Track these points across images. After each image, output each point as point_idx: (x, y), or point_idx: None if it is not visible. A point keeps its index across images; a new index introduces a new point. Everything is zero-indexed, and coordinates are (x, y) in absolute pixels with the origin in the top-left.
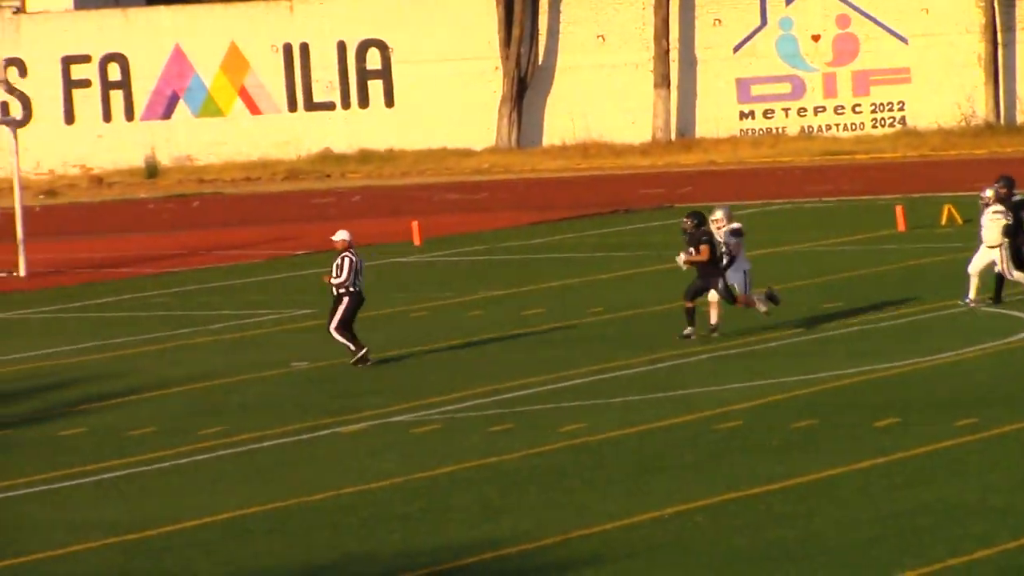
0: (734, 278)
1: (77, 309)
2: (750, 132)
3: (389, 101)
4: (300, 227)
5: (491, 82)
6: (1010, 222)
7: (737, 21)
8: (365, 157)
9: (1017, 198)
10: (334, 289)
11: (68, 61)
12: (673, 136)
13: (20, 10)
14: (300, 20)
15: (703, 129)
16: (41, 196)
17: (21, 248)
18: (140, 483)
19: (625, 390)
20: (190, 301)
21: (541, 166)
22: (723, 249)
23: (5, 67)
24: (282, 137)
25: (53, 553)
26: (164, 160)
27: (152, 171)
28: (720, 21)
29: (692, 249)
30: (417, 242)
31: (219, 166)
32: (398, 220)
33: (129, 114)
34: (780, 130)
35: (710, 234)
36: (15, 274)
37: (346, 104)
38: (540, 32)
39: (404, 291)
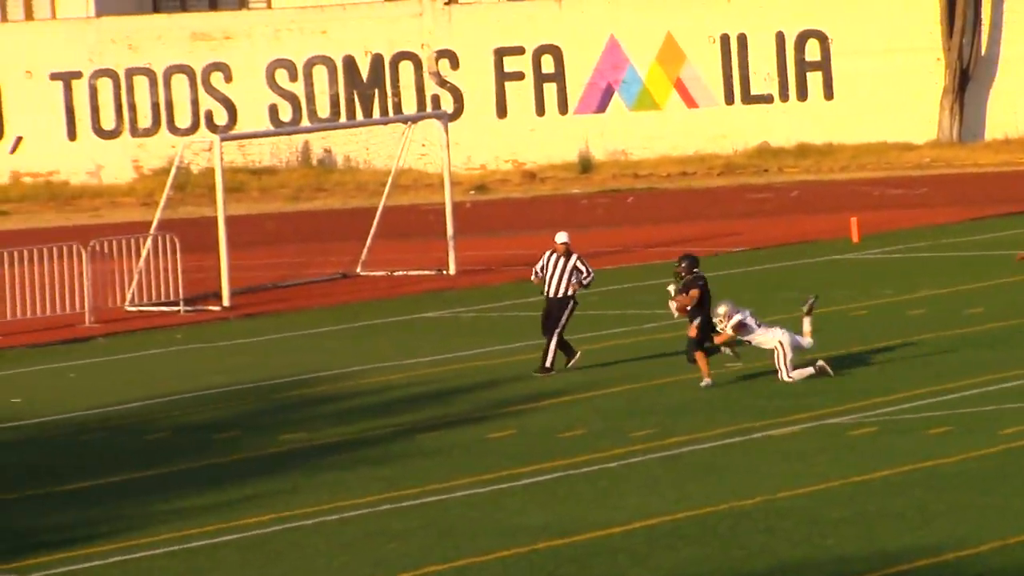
0: (783, 337)
1: (506, 308)
2: None
3: (828, 93)
4: (737, 223)
5: (932, 74)
6: None
7: None
8: (803, 151)
9: None
10: (567, 290)
11: (501, 53)
12: None
13: (452, 1)
14: (738, 10)
15: None
16: (472, 192)
17: (451, 245)
18: (569, 486)
19: None
20: (623, 300)
21: (983, 160)
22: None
23: (436, 59)
24: (718, 131)
25: (482, 558)
26: (598, 154)
27: (586, 166)
28: None
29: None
30: (855, 239)
31: (654, 160)
32: (836, 216)
33: (563, 107)
34: None
35: (704, 279)
36: (445, 272)
37: (784, 96)
38: (983, 22)
39: (843, 289)
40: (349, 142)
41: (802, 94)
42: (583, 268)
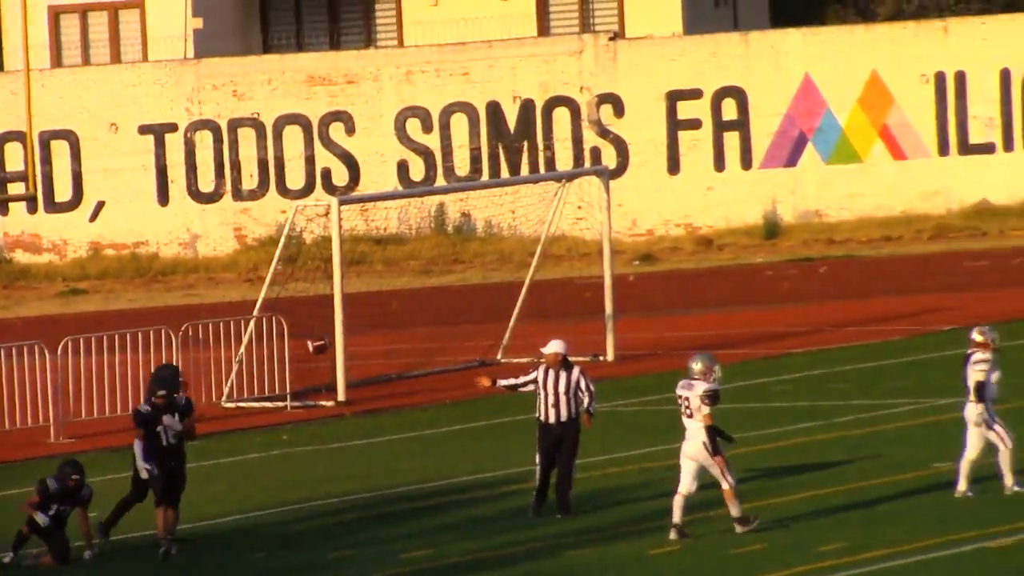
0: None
1: (674, 401)
2: None
3: None
4: (949, 297)
5: None
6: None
7: None
8: None
9: None
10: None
11: (674, 97)
12: None
13: (617, 36)
14: (956, 44)
15: None
16: (636, 262)
17: (610, 326)
18: None
19: None
20: (814, 389)
21: None
22: None
23: (598, 105)
24: (930, 187)
25: None
26: (787, 216)
27: (772, 230)
28: None
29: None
30: None
31: (852, 223)
32: None
33: (746, 161)
34: None
35: None
36: (602, 358)
37: (1008, 146)
38: None
39: None
40: (491, 205)
41: None
42: (585, 384)
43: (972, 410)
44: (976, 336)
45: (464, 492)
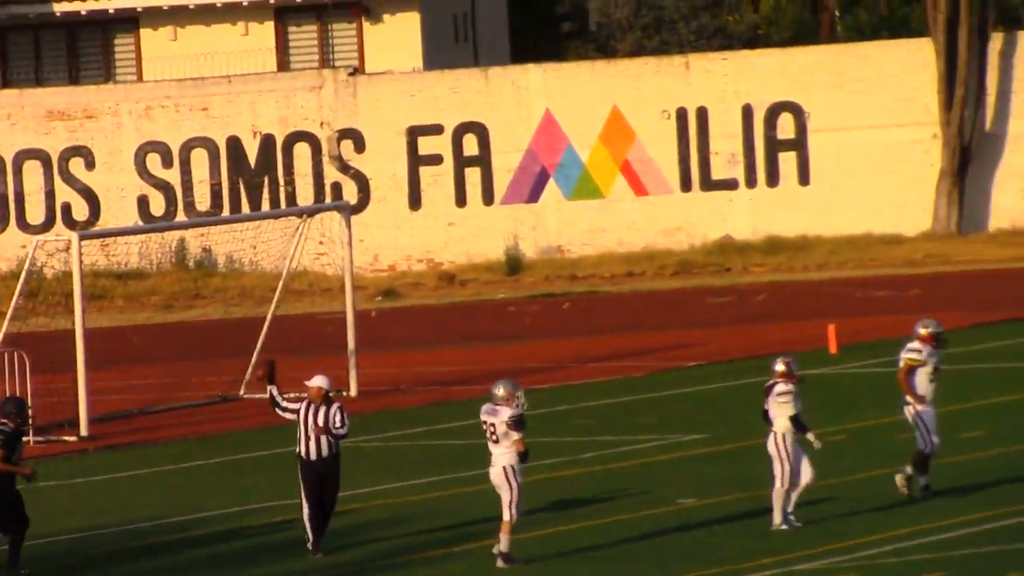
0: None
1: (417, 436)
2: None
3: (804, 178)
4: (692, 333)
5: (928, 153)
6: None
7: None
8: (773, 246)
9: None
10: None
11: (415, 132)
12: None
13: (357, 71)
14: (697, 79)
15: None
16: (378, 298)
17: (352, 361)
18: None
19: None
20: (557, 425)
21: (987, 255)
22: None
23: (338, 141)
24: (673, 223)
25: None
26: (529, 252)
27: (514, 266)
28: None
29: None
30: (833, 350)
31: (595, 259)
32: (811, 323)
33: (488, 197)
34: None
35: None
36: (345, 393)
37: (751, 182)
38: (988, 92)
39: (818, 410)
40: (232, 240)
41: (772, 178)
42: (340, 419)
43: (772, 442)
44: (779, 366)
45: (208, 528)
